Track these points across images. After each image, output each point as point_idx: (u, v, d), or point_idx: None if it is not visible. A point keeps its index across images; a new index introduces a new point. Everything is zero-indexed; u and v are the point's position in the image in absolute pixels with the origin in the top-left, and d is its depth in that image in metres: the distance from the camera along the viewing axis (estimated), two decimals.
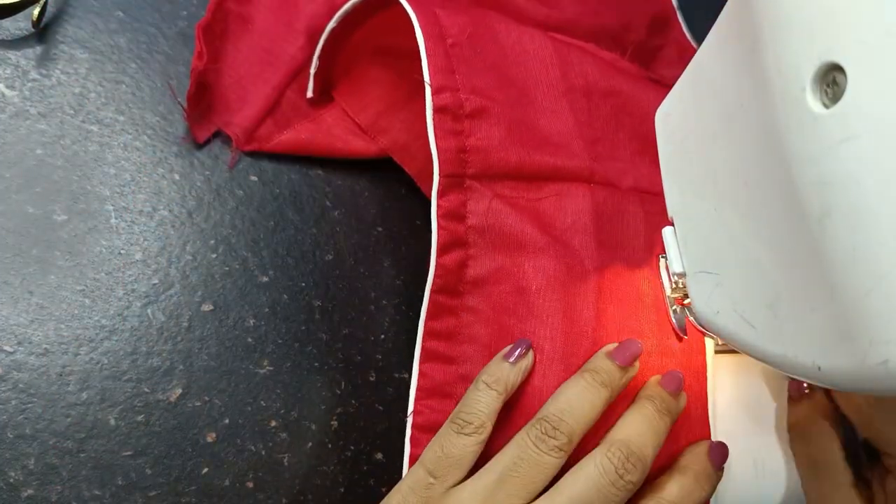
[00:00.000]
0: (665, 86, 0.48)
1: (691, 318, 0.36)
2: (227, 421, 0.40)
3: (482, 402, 0.34)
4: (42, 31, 0.43)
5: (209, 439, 0.39)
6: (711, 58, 0.29)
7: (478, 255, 0.38)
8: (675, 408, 0.35)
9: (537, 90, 0.42)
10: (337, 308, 0.44)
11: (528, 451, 0.32)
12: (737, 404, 0.39)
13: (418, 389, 0.37)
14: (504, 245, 0.39)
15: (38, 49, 0.43)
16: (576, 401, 0.33)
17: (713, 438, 0.38)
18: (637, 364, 0.36)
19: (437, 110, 0.38)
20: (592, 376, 0.34)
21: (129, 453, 0.38)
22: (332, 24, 0.44)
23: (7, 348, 0.38)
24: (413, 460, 0.36)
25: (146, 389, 0.39)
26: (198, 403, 0.40)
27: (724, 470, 0.37)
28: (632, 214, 0.41)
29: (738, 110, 0.25)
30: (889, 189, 0.18)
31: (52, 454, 0.37)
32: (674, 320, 0.37)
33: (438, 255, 0.38)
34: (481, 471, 0.33)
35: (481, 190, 0.39)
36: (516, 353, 0.35)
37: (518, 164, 0.39)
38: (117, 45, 0.45)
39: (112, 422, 0.38)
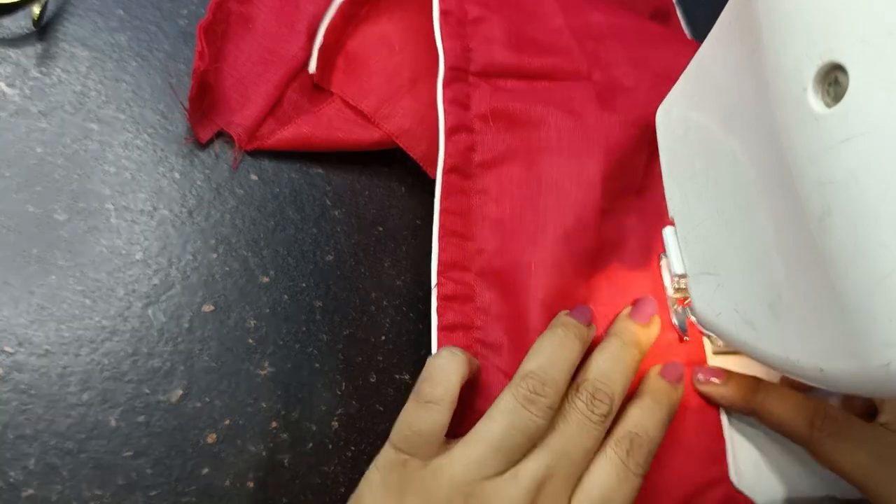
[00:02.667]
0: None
1: (693, 319, 0.36)
2: (227, 421, 0.40)
3: (447, 368, 0.34)
4: (42, 30, 0.43)
5: (210, 440, 0.39)
6: (712, 57, 0.28)
7: (484, 140, 0.41)
8: (644, 339, 0.36)
9: (536, 5, 0.47)
10: (338, 309, 0.44)
11: (519, 416, 0.32)
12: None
13: (439, 263, 0.39)
14: (509, 127, 0.42)
15: (39, 47, 0.43)
16: (555, 353, 0.34)
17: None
18: (657, 320, 0.37)
19: (442, 13, 0.43)
20: (566, 330, 0.35)
21: (129, 454, 0.38)
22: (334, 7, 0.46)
23: (7, 349, 0.38)
24: (441, 330, 0.38)
25: (147, 390, 0.39)
26: (198, 404, 0.40)
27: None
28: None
29: (739, 110, 0.25)
30: (890, 189, 0.18)
31: (52, 454, 0.37)
32: (675, 321, 0.37)
33: (446, 138, 0.41)
34: (468, 441, 0.32)
35: (484, 86, 0.42)
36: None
37: (518, 63, 0.43)
38: (118, 44, 0.44)
39: (113, 422, 0.38)
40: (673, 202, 0.33)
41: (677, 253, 0.32)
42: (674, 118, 0.33)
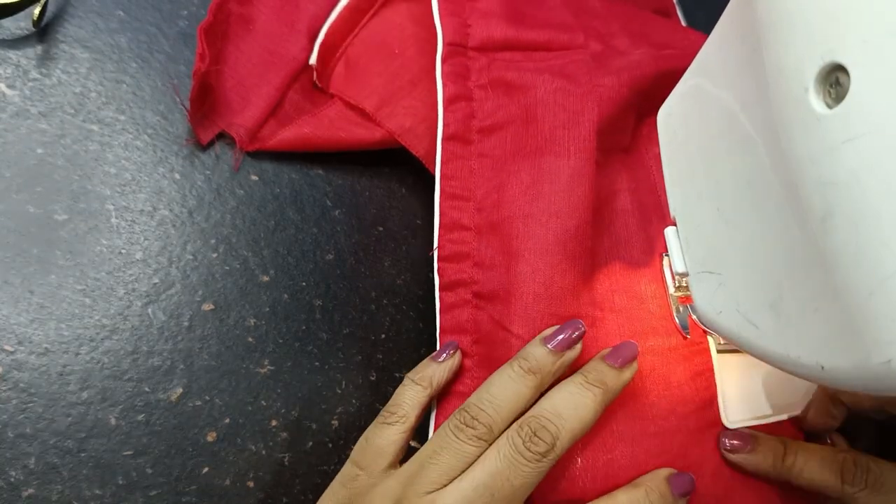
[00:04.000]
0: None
1: (694, 318, 0.36)
2: (227, 420, 0.40)
3: (407, 395, 0.36)
4: (43, 31, 0.43)
5: (210, 439, 0.39)
6: (714, 57, 0.29)
7: (483, 107, 0.43)
8: (612, 383, 0.35)
9: None
10: (337, 307, 0.44)
11: (447, 440, 0.33)
12: (741, 404, 0.39)
13: (441, 227, 0.41)
14: (507, 92, 0.43)
15: (39, 48, 0.43)
16: (499, 391, 0.34)
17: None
18: (578, 347, 0.36)
19: None
20: (520, 364, 0.35)
21: (129, 453, 0.38)
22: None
23: (7, 348, 0.38)
24: (442, 290, 0.39)
25: (147, 389, 0.39)
26: (198, 403, 0.40)
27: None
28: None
29: (740, 110, 0.25)
30: (892, 189, 0.18)
31: (52, 453, 0.37)
32: (677, 319, 0.37)
33: (445, 107, 0.42)
34: (408, 461, 0.34)
35: (482, 59, 0.44)
36: (444, 354, 0.38)
37: (516, 37, 0.45)
38: (118, 45, 0.44)
39: (113, 421, 0.38)
40: (674, 202, 0.33)
41: (679, 252, 0.33)
42: (675, 119, 0.33)
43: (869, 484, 0.34)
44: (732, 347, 0.40)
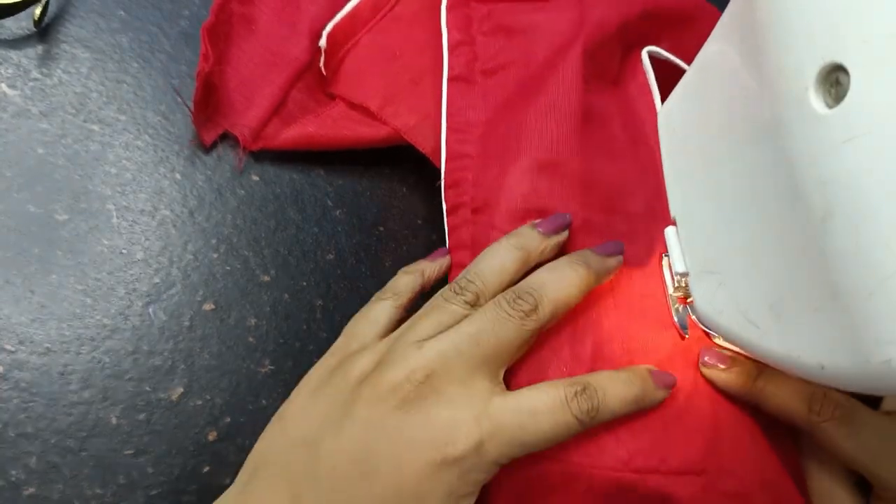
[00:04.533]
0: None
1: (694, 318, 0.36)
2: (228, 420, 0.40)
3: (399, 280, 0.40)
4: (44, 31, 0.43)
5: (210, 438, 0.39)
6: (715, 57, 0.29)
7: (486, 51, 0.45)
8: (598, 267, 0.37)
9: None
10: (338, 307, 0.44)
11: (437, 302, 0.36)
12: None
13: (447, 159, 0.43)
14: (508, 36, 0.46)
15: (40, 48, 0.43)
16: (486, 265, 0.36)
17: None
18: (565, 233, 0.38)
19: None
20: (509, 240, 0.37)
21: (130, 452, 0.38)
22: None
23: (8, 347, 0.38)
24: (448, 213, 0.42)
25: (148, 388, 0.39)
26: (199, 402, 0.40)
27: None
28: None
29: (741, 110, 0.26)
30: (892, 189, 0.18)
31: (53, 453, 0.37)
32: (676, 319, 0.37)
33: (450, 52, 0.44)
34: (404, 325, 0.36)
35: (483, 8, 0.47)
36: (438, 257, 0.41)
37: None
38: (119, 45, 0.45)
39: (113, 420, 0.38)
40: (675, 202, 0.33)
41: (679, 252, 0.33)
42: (676, 119, 0.33)
43: (836, 416, 0.34)
44: (731, 347, 0.40)
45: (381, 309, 0.38)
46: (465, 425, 0.31)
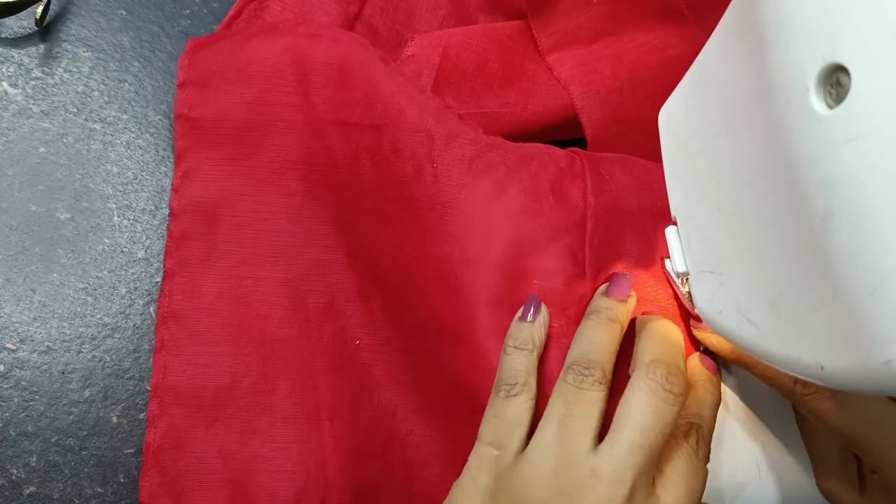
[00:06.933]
0: None
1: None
2: None
3: (518, 362, 0.35)
4: (45, 30, 0.43)
5: None
6: (715, 57, 0.29)
7: None
8: (623, 315, 0.36)
9: None
10: None
11: (573, 393, 0.33)
12: (740, 404, 0.40)
13: None
14: None
15: (42, 47, 0.43)
16: (595, 338, 0.35)
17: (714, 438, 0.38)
18: (634, 295, 0.37)
19: None
20: (597, 314, 0.36)
21: (131, 451, 0.38)
22: None
23: (10, 346, 0.38)
24: None
25: (148, 387, 0.39)
26: None
27: (725, 470, 0.37)
28: None
29: (741, 110, 0.26)
30: (893, 189, 0.18)
31: (54, 451, 0.37)
32: (688, 305, 0.37)
33: None
34: (539, 427, 0.33)
35: None
36: (530, 312, 0.36)
37: None
38: (120, 44, 0.45)
39: (114, 419, 0.38)
40: (675, 202, 0.33)
41: (679, 252, 0.33)
42: (676, 119, 0.33)
43: (821, 389, 0.34)
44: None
45: (519, 408, 0.34)
46: None
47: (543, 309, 0.37)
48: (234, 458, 0.38)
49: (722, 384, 0.38)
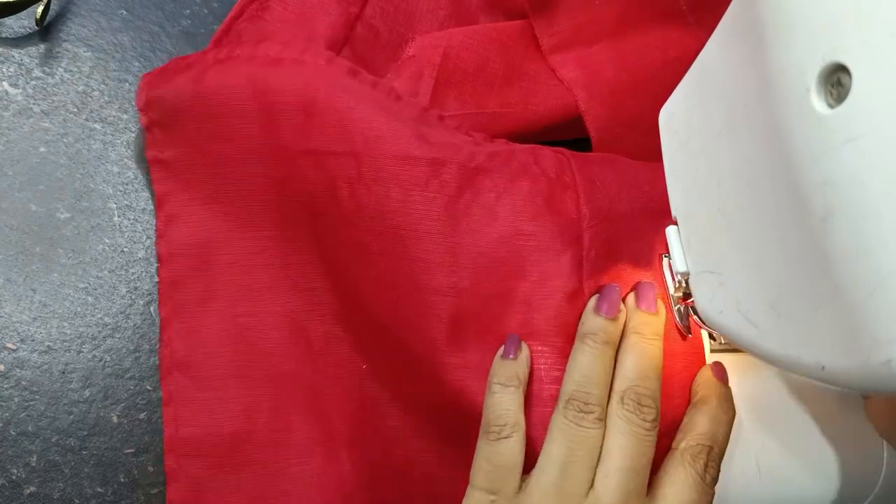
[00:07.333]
0: None
1: (695, 318, 0.36)
2: None
3: (506, 402, 0.34)
4: (45, 29, 0.43)
5: None
6: (716, 57, 0.29)
7: None
8: (659, 327, 0.37)
9: None
10: None
11: (573, 432, 0.33)
12: (740, 404, 0.39)
13: None
14: None
15: (42, 47, 0.43)
16: (590, 370, 0.34)
17: None
18: (624, 310, 0.37)
19: None
20: (593, 339, 0.35)
21: (131, 450, 0.38)
22: None
23: (10, 346, 0.38)
24: None
25: (149, 387, 0.39)
26: None
27: (726, 470, 0.37)
28: None
29: (742, 110, 0.25)
30: (893, 189, 0.18)
31: (54, 451, 0.37)
32: (677, 318, 0.37)
33: None
34: (537, 470, 0.33)
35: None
36: (512, 350, 0.36)
37: None
38: (121, 44, 0.45)
39: (114, 419, 0.39)
40: (676, 201, 0.33)
41: (680, 252, 0.33)
42: (676, 119, 0.33)
43: None
44: (728, 348, 0.40)
45: (511, 451, 0.34)
46: None
47: (524, 346, 0.36)
48: (259, 500, 0.38)
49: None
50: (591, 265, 0.37)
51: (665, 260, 0.37)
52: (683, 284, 0.33)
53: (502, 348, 0.36)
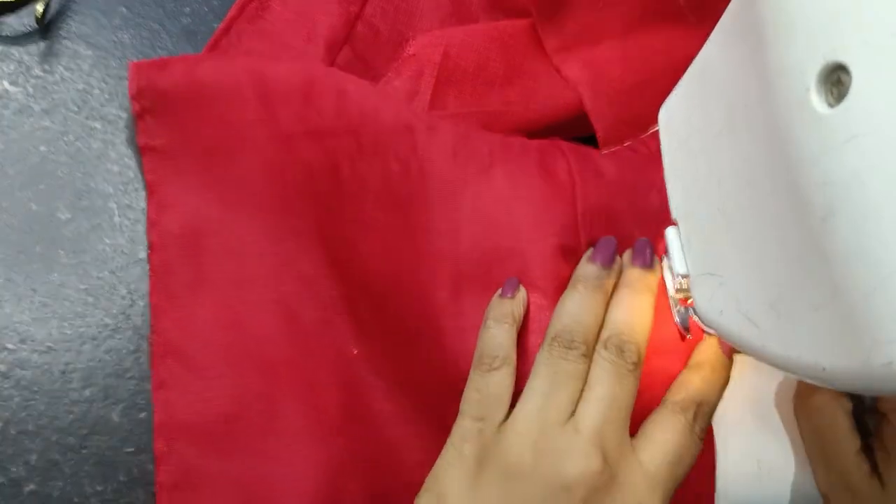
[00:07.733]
0: None
1: (695, 318, 0.36)
2: None
3: (499, 336, 0.36)
4: (46, 28, 0.43)
5: None
6: (716, 56, 0.28)
7: None
8: (653, 283, 0.37)
9: None
10: None
11: (557, 366, 0.34)
12: (740, 403, 0.39)
13: None
14: None
15: (42, 45, 0.43)
16: (578, 312, 0.35)
17: (716, 438, 0.38)
18: (619, 262, 0.38)
19: None
20: (584, 285, 0.36)
21: (131, 450, 0.38)
22: None
23: (10, 346, 0.38)
24: None
25: (149, 387, 0.39)
26: None
27: (727, 469, 0.37)
28: None
29: (742, 109, 0.25)
30: (893, 189, 0.18)
31: (54, 450, 0.37)
32: (677, 319, 0.37)
33: None
34: (522, 399, 0.34)
35: None
36: (510, 289, 0.37)
37: None
38: (121, 42, 0.44)
39: (115, 418, 0.39)
40: (675, 202, 0.33)
41: (680, 253, 0.33)
42: (676, 118, 0.33)
43: None
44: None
45: (501, 382, 0.35)
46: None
47: (522, 288, 0.37)
48: (251, 485, 0.38)
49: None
50: (587, 223, 0.38)
51: (664, 261, 0.37)
52: (684, 286, 0.33)
53: (500, 289, 0.37)
